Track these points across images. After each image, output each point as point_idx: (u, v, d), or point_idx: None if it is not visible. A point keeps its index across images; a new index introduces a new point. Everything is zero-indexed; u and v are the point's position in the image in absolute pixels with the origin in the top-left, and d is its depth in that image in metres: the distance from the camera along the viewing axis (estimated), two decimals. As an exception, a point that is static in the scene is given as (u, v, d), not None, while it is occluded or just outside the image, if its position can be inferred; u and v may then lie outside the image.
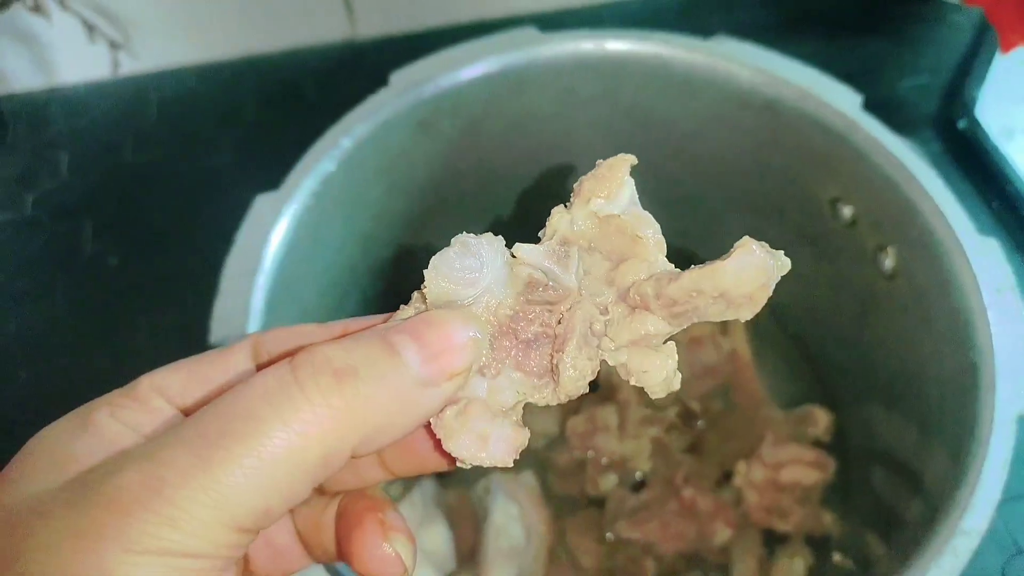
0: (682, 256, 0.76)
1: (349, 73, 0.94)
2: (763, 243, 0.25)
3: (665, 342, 0.27)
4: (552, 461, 0.67)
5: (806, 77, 0.57)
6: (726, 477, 0.66)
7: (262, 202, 0.53)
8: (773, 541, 0.63)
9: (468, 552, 0.63)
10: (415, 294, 0.27)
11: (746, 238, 0.25)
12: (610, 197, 0.28)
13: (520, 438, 0.26)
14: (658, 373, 0.26)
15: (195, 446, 0.20)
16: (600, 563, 0.63)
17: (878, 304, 0.59)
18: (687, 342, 0.71)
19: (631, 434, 0.66)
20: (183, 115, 1.00)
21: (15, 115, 1.00)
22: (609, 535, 0.62)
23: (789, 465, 0.63)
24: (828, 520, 0.63)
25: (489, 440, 0.25)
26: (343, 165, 0.56)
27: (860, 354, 0.64)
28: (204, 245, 0.49)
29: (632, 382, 0.27)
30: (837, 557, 0.60)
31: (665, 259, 0.28)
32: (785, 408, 0.69)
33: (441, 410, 0.25)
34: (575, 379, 0.26)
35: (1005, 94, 0.84)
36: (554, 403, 0.27)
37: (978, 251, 0.48)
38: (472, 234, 0.27)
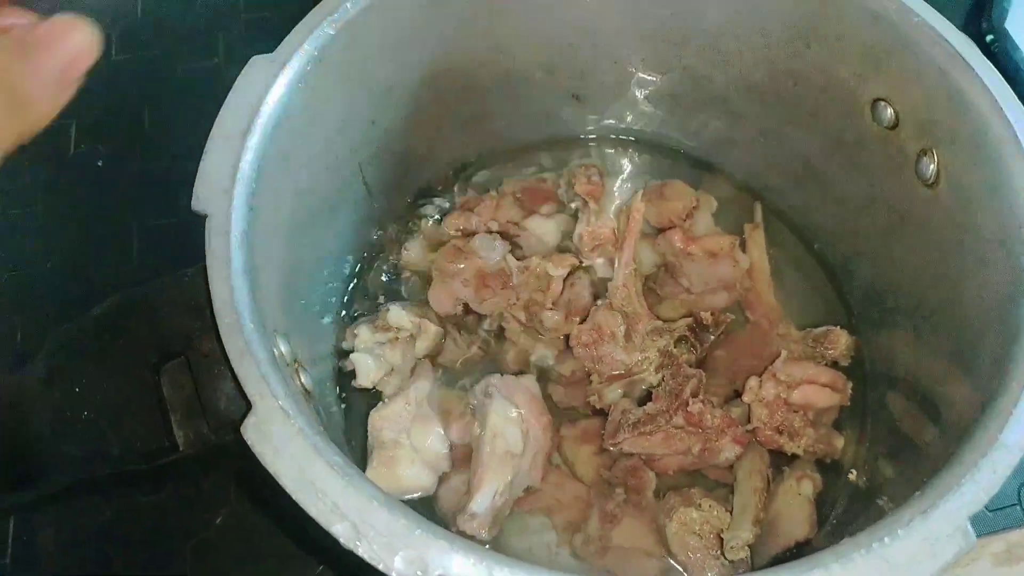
0: (697, 164, 0.72)
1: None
2: None
3: None
4: (555, 370, 0.64)
5: (854, -41, 0.52)
6: (736, 396, 0.63)
7: (256, 64, 0.49)
8: (781, 462, 0.60)
9: (463, 454, 0.60)
10: None
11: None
12: None
13: None
14: None
15: None
16: (598, 474, 0.60)
17: (915, 214, 0.55)
18: (703, 255, 0.67)
19: (638, 345, 0.63)
20: (171, 12, 0.95)
21: (-9, 9, 0.95)
22: (611, 446, 0.59)
23: (803, 385, 0.60)
24: (840, 445, 0.60)
25: None
26: (344, 32, 0.51)
27: (889, 273, 0.60)
28: (196, 147, 0.46)
29: None
30: (852, 475, 0.58)
31: None
32: (803, 329, 0.65)
33: None
34: None
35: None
36: None
37: (1038, 148, 0.43)
38: None
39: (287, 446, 0.36)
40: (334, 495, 0.35)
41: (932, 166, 0.51)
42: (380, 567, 0.33)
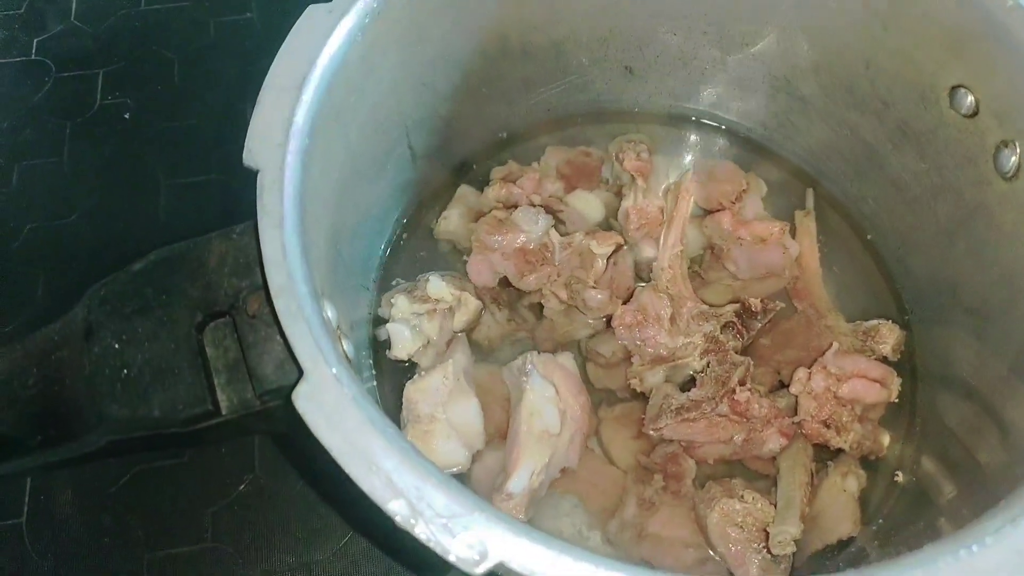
0: (749, 146, 0.69)
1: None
2: None
3: None
4: (594, 351, 0.62)
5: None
6: (780, 386, 0.61)
7: (313, 13, 0.46)
8: (824, 457, 0.59)
9: (496, 433, 0.58)
10: None
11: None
12: None
13: None
14: None
15: None
16: (636, 459, 0.58)
17: (986, 209, 0.52)
18: (751, 240, 0.65)
19: (683, 329, 0.61)
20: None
21: (18, -46, 0.92)
22: (651, 431, 0.57)
23: (853, 378, 0.58)
24: (887, 442, 0.59)
25: None
26: (406, -14, 0.49)
27: (948, 269, 0.58)
28: (228, 105, 0.44)
29: None
30: (899, 477, 0.56)
31: None
32: (851, 320, 0.63)
33: None
34: None
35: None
36: None
37: None
38: None
39: (341, 417, 0.34)
40: (389, 469, 0.33)
41: (1013, 158, 0.49)
42: (437, 550, 0.32)
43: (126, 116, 0.86)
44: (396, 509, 0.33)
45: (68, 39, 0.91)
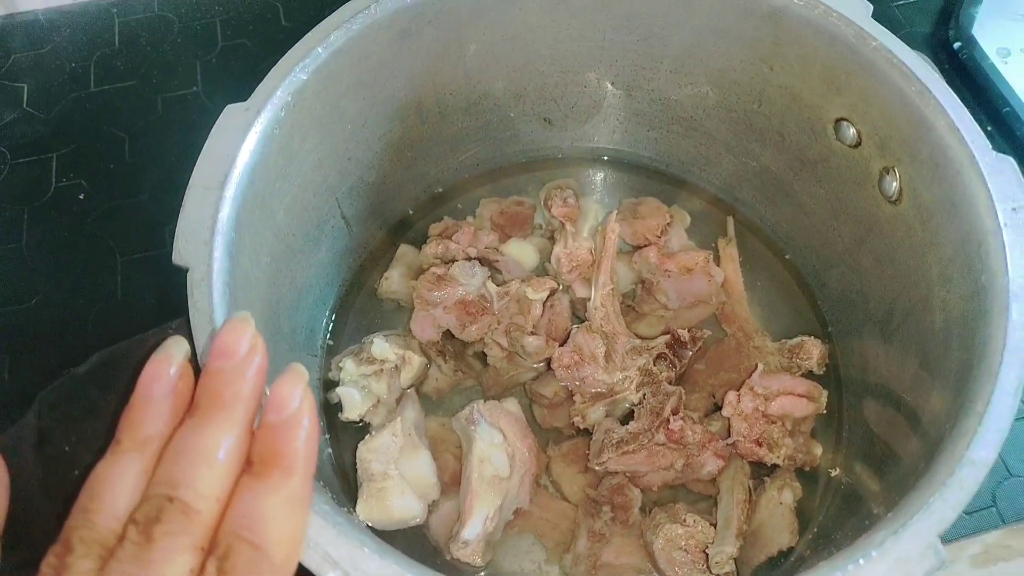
0: (669, 180, 0.73)
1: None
2: None
3: None
4: (538, 393, 0.65)
5: (813, -16, 0.53)
6: (716, 409, 0.64)
7: (230, 113, 0.49)
8: (763, 472, 0.62)
9: (451, 481, 0.61)
10: None
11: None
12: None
13: None
14: None
15: None
16: (585, 493, 0.61)
17: (880, 229, 0.56)
18: (678, 271, 0.68)
19: (619, 365, 0.64)
20: (148, 41, 0.95)
21: (-30, 46, 0.94)
22: (596, 466, 0.60)
23: (780, 396, 0.61)
24: (819, 453, 0.62)
25: None
26: (317, 75, 0.52)
27: (858, 283, 0.62)
28: (177, 177, 0.47)
29: None
30: (835, 471, 0.60)
31: None
32: (778, 338, 0.67)
33: None
34: None
35: (1002, 12, 0.80)
36: None
37: (994, 169, 0.45)
38: None
39: (278, 499, 0.37)
40: (326, 545, 0.36)
41: (895, 184, 0.52)
42: (373, 613, 0.34)
43: (81, 197, 0.88)
44: (333, 580, 0.35)
45: (21, 126, 0.93)
